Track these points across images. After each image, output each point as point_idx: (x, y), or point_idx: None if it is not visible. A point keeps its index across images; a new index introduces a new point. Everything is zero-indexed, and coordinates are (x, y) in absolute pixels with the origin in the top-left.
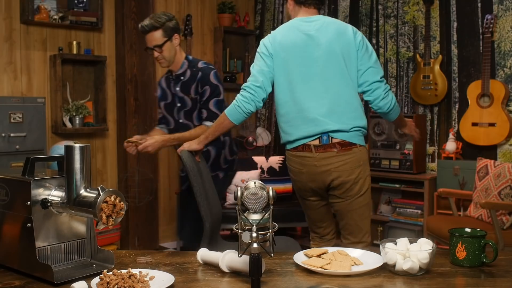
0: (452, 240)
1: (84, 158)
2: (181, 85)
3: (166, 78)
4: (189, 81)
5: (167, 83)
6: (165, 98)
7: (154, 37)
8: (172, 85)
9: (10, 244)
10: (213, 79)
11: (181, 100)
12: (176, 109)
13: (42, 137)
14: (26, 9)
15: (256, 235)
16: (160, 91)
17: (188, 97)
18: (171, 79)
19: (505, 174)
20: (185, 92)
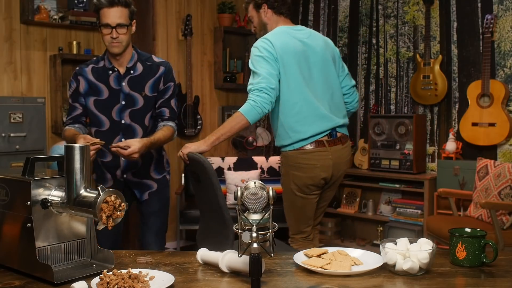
0: (452, 240)
1: (84, 158)
2: (130, 81)
3: (96, 69)
4: (142, 77)
5: (99, 75)
6: (95, 93)
7: (121, 13)
8: (112, 79)
9: (10, 244)
10: (174, 76)
11: (127, 98)
12: (118, 108)
13: (42, 137)
14: (26, 9)
15: (256, 235)
16: (85, 84)
17: (139, 95)
18: (110, 70)
19: (505, 174)
20: (136, 89)
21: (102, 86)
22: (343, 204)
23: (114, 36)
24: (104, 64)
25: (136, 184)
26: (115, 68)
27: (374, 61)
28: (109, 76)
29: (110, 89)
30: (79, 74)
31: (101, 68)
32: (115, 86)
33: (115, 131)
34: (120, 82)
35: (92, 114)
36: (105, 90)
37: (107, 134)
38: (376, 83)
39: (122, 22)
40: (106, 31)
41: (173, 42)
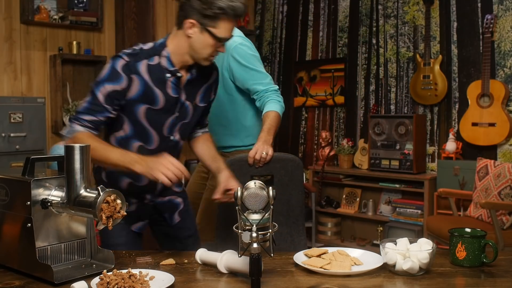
0: (452, 240)
1: (84, 158)
2: (186, 86)
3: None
4: (196, 82)
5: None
6: (148, 101)
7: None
8: (170, 85)
9: (10, 244)
10: None
11: (181, 108)
12: (171, 121)
13: (42, 137)
14: (26, 9)
15: (256, 235)
16: (140, 87)
17: (191, 105)
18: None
19: (505, 174)
20: (189, 97)
21: (159, 93)
22: (343, 204)
23: (220, 49)
24: (159, 62)
25: (165, 205)
26: (177, 72)
27: (374, 61)
28: (166, 80)
29: (167, 98)
30: (133, 71)
31: (155, 66)
32: (172, 94)
33: (161, 150)
34: (178, 89)
35: (139, 126)
36: (161, 99)
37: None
38: (376, 83)
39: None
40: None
41: None
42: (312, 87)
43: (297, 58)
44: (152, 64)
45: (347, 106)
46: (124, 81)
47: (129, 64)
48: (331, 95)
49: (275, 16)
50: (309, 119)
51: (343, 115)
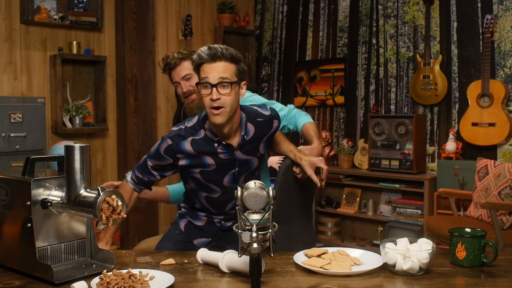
0: (452, 240)
1: (84, 158)
2: (243, 147)
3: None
4: (256, 139)
5: (203, 149)
6: (200, 166)
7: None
8: (222, 152)
9: (10, 244)
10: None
11: (242, 164)
12: (231, 176)
13: (42, 137)
14: (26, 9)
15: (256, 235)
16: (186, 161)
17: (255, 158)
18: (216, 143)
19: (505, 174)
20: (250, 152)
21: (209, 159)
22: (343, 204)
23: (214, 97)
24: (205, 135)
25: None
26: (222, 141)
27: (374, 61)
28: (216, 149)
29: (219, 161)
30: (177, 151)
31: (202, 139)
32: (225, 157)
33: (228, 197)
34: (231, 152)
35: (198, 181)
36: (212, 163)
37: (219, 201)
38: (376, 83)
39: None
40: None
41: (173, 42)
42: (312, 87)
43: (297, 58)
44: (198, 139)
45: (347, 106)
46: (168, 160)
47: (171, 146)
48: (331, 95)
49: (275, 16)
50: None
51: (343, 115)
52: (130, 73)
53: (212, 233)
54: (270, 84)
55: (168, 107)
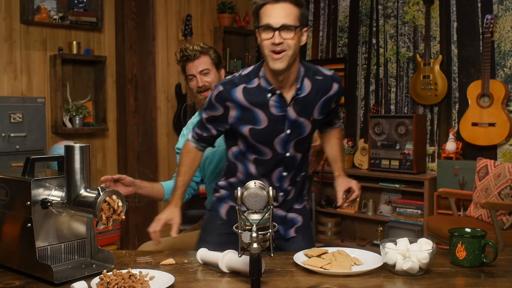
0: (452, 240)
1: (84, 158)
2: (297, 104)
3: (248, 90)
4: (311, 97)
5: (255, 99)
6: (250, 121)
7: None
8: (274, 105)
9: (10, 244)
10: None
11: (293, 126)
12: (282, 139)
13: (42, 137)
14: (26, 9)
15: (256, 235)
16: (237, 112)
17: (307, 121)
18: (269, 93)
19: (505, 174)
20: (303, 113)
21: (260, 113)
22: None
23: (276, 41)
24: (259, 84)
25: (280, 218)
26: (276, 90)
27: (374, 61)
28: (268, 101)
29: (270, 117)
30: (227, 99)
31: (255, 88)
32: (277, 113)
33: (276, 163)
34: (284, 108)
35: (249, 142)
36: (263, 118)
37: (268, 166)
38: (376, 83)
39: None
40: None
41: (173, 42)
42: None
43: None
44: (251, 87)
45: (347, 106)
46: (219, 109)
47: (222, 93)
48: None
49: None
50: None
51: (343, 115)
52: (130, 73)
53: None
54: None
55: (168, 107)
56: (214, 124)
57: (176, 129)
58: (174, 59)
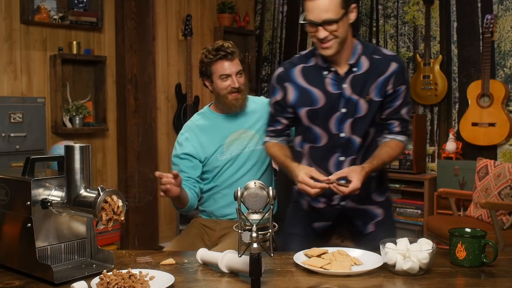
0: (452, 240)
1: (84, 158)
2: (353, 81)
3: (306, 69)
4: (367, 76)
5: (312, 78)
6: (307, 102)
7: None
8: (330, 82)
9: (10, 244)
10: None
11: (348, 104)
12: (337, 118)
13: (42, 137)
14: (26, 9)
15: (256, 235)
16: (295, 92)
17: (363, 100)
18: (325, 70)
19: (505, 174)
20: (359, 92)
21: (317, 92)
22: None
23: (321, 36)
24: (316, 62)
25: (357, 212)
26: (331, 67)
27: None
28: (324, 78)
29: (327, 95)
30: (286, 79)
31: (312, 67)
32: (333, 91)
33: (332, 147)
34: (340, 85)
35: (304, 128)
36: (320, 97)
37: (323, 152)
38: None
39: (331, 17)
40: (312, 29)
41: (173, 42)
42: None
43: None
44: (309, 66)
45: None
46: (279, 91)
47: (281, 74)
48: None
49: (275, 16)
50: None
51: None
52: (130, 73)
53: (332, 216)
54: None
55: (168, 107)
56: (281, 112)
57: (176, 129)
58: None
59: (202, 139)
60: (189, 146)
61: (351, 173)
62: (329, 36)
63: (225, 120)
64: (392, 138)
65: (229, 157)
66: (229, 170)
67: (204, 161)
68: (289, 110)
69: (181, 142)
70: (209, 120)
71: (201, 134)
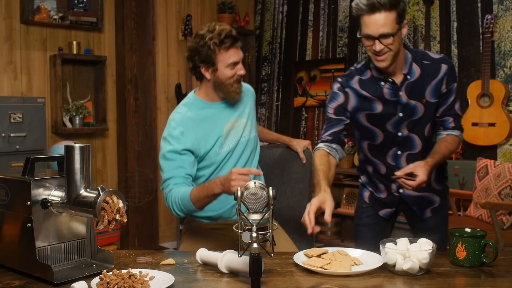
0: (452, 240)
1: (84, 158)
2: (407, 88)
3: (363, 81)
4: (421, 81)
5: (370, 88)
6: (366, 108)
7: (386, 20)
8: (387, 91)
9: (10, 244)
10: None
11: (405, 109)
12: (394, 121)
13: (42, 137)
14: (26, 9)
15: (256, 235)
16: (355, 99)
17: (419, 103)
18: (382, 81)
19: (505, 174)
20: (415, 97)
21: (375, 100)
22: (343, 204)
23: (377, 48)
24: (372, 75)
25: (416, 199)
26: (388, 78)
27: None
28: (382, 88)
29: (384, 103)
30: (346, 86)
31: (369, 79)
32: (391, 98)
33: (389, 143)
34: (396, 93)
35: (362, 128)
36: (378, 105)
37: (381, 147)
38: None
39: (388, 31)
40: (369, 43)
41: (173, 42)
42: (312, 87)
43: (297, 58)
44: (365, 78)
45: None
46: (341, 96)
47: (342, 82)
48: None
49: (275, 16)
50: (309, 119)
51: None
52: (130, 73)
53: (394, 203)
54: (270, 84)
55: (168, 107)
56: (339, 115)
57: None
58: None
59: (198, 132)
60: (187, 141)
61: (417, 168)
62: (384, 49)
63: (218, 110)
64: (448, 134)
65: (228, 150)
66: (229, 164)
67: (203, 156)
68: (347, 115)
69: (177, 137)
70: (201, 110)
71: (196, 127)
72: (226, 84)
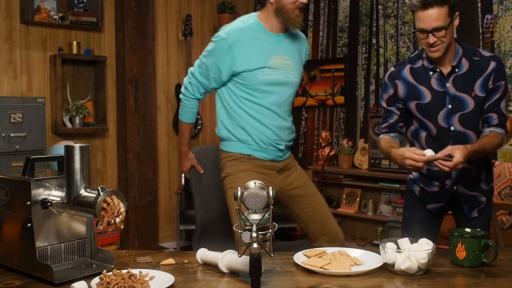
0: (452, 240)
1: (84, 158)
2: (455, 81)
3: (414, 69)
4: (469, 75)
5: (419, 77)
6: (415, 97)
7: (438, 14)
8: (435, 81)
9: (10, 244)
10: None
11: (454, 101)
12: (444, 113)
13: (42, 137)
14: (26, 9)
15: (256, 235)
16: (404, 88)
17: (468, 96)
18: (431, 71)
19: (505, 174)
20: (463, 89)
21: (424, 89)
22: (343, 204)
23: (431, 41)
24: (422, 64)
25: (467, 197)
26: (437, 68)
27: (374, 61)
28: (430, 78)
29: (432, 92)
30: (397, 77)
31: (420, 68)
32: (438, 88)
33: (444, 139)
34: (443, 84)
35: (418, 119)
36: (427, 94)
37: (436, 141)
38: (376, 83)
39: (440, 25)
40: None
41: (173, 42)
42: (312, 87)
43: None
44: (416, 67)
45: (347, 106)
46: (391, 87)
47: (393, 73)
48: (331, 95)
49: None
50: (309, 119)
51: (343, 115)
52: (130, 73)
53: (445, 198)
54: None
55: (168, 107)
56: (393, 105)
57: (176, 129)
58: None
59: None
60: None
61: (454, 150)
62: (437, 41)
63: (274, 39)
64: (491, 131)
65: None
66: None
67: (241, 73)
68: (400, 103)
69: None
70: (258, 33)
71: (246, 44)
72: (286, 9)
